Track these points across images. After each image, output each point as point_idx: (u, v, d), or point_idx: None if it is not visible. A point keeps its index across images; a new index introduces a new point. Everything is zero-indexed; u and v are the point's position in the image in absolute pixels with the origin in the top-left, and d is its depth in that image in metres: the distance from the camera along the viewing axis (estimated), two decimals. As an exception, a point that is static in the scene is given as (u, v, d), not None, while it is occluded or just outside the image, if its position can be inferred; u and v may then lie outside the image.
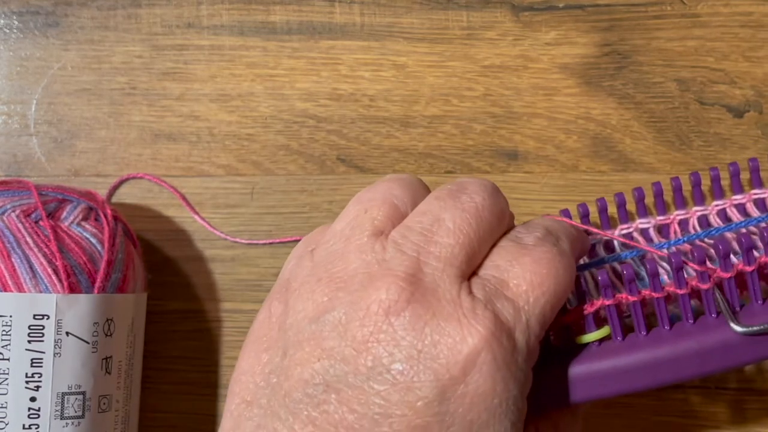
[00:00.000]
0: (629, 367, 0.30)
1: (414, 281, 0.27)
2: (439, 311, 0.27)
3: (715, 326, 0.30)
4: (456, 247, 0.28)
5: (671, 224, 0.37)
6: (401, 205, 0.30)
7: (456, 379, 0.26)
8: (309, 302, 0.28)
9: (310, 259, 0.30)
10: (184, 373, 0.42)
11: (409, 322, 0.27)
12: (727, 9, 0.43)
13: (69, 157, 0.43)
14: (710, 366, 0.30)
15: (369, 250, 0.28)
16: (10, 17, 0.44)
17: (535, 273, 0.29)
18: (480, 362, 0.26)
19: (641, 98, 0.43)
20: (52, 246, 0.36)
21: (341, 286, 0.28)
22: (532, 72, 0.43)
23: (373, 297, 0.27)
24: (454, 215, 0.29)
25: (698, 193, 0.37)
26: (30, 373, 0.35)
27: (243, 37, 0.43)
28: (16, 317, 0.35)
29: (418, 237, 0.28)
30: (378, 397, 0.26)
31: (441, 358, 0.26)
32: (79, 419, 0.36)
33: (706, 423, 0.42)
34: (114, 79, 0.43)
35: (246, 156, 0.43)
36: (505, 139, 0.43)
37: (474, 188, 0.30)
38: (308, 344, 0.28)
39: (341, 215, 0.31)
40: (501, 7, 0.43)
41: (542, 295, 0.28)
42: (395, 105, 0.43)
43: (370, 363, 0.27)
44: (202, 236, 0.43)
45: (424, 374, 0.26)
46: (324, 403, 0.27)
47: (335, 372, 0.27)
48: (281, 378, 0.28)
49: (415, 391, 0.26)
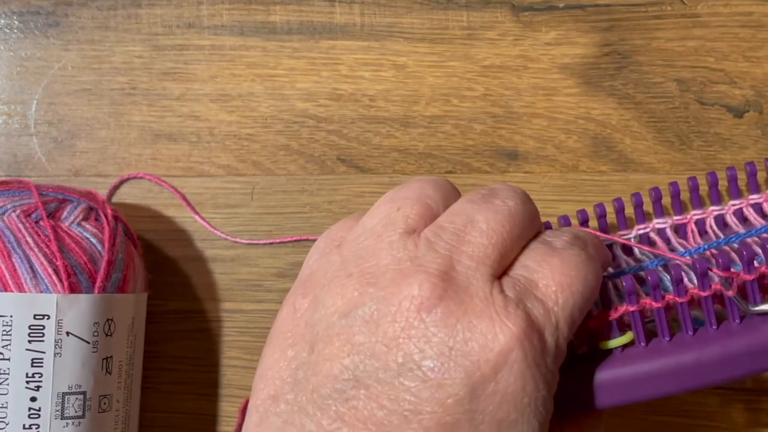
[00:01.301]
0: (653, 373, 0.30)
1: (446, 278, 0.27)
2: (472, 308, 0.27)
3: (739, 332, 0.30)
4: (489, 247, 0.28)
5: (688, 224, 0.37)
6: (434, 205, 0.30)
7: (487, 377, 0.26)
8: (339, 297, 0.28)
9: (339, 254, 0.30)
10: (185, 373, 0.42)
11: (441, 318, 0.27)
12: (727, 9, 0.43)
13: (69, 157, 0.43)
14: (735, 371, 0.30)
15: (401, 247, 0.28)
16: (10, 17, 0.44)
17: (564, 274, 0.29)
18: (511, 360, 0.26)
19: (641, 98, 0.43)
20: (53, 246, 0.36)
21: (372, 281, 0.28)
22: (532, 72, 0.43)
23: (405, 293, 0.27)
24: (487, 217, 0.29)
25: (715, 193, 0.37)
26: (30, 373, 0.35)
27: (243, 37, 0.43)
28: (16, 317, 0.35)
29: (451, 236, 0.28)
30: (408, 394, 0.26)
31: (472, 355, 0.26)
32: (79, 419, 0.36)
33: (707, 423, 0.42)
34: (114, 79, 0.43)
35: (246, 156, 0.43)
36: (505, 139, 0.43)
37: (506, 193, 0.30)
38: (338, 339, 0.27)
39: (371, 212, 0.30)
40: (501, 7, 0.43)
41: (571, 297, 0.28)
42: (395, 105, 0.43)
43: (401, 359, 0.26)
44: (202, 236, 0.43)
45: (455, 371, 0.26)
46: (353, 399, 0.27)
47: (365, 367, 0.27)
48: (309, 373, 0.28)
49: (445, 388, 0.26)
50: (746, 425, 0.41)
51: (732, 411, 0.41)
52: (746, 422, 0.41)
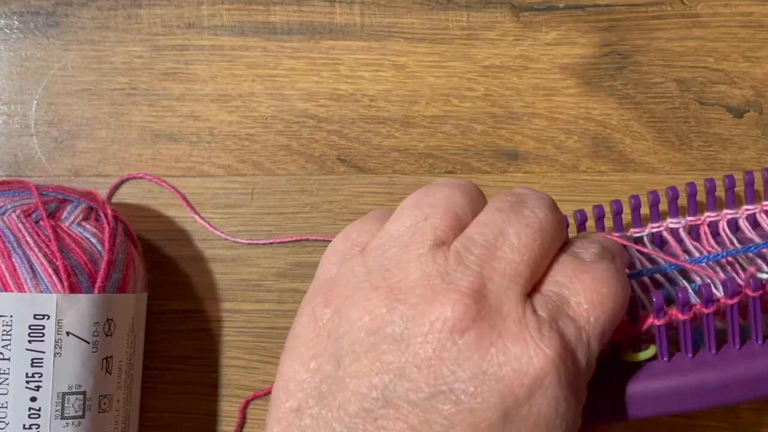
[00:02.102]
0: (676, 389, 0.30)
1: (479, 298, 0.27)
2: (505, 331, 0.26)
3: (762, 352, 0.30)
4: (521, 265, 0.28)
5: (701, 225, 0.37)
6: (462, 215, 0.29)
7: (521, 401, 0.26)
8: (365, 312, 0.27)
9: (362, 263, 0.29)
10: (185, 373, 0.42)
11: (474, 341, 0.26)
12: (727, 9, 0.43)
13: (69, 157, 0.43)
14: (757, 392, 0.30)
15: (430, 261, 0.28)
16: (10, 17, 0.44)
17: (595, 291, 0.28)
18: (546, 385, 0.26)
19: (641, 98, 0.43)
20: (53, 246, 0.36)
21: (401, 298, 0.27)
22: (532, 72, 0.43)
23: (437, 313, 0.26)
24: (518, 230, 0.28)
25: (730, 195, 0.37)
26: (30, 373, 0.35)
27: (243, 38, 0.43)
28: (16, 317, 0.35)
29: (482, 250, 0.28)
30: (440, 416, 0.26)
31: (507, 379, 0.26)
32: (79, 419, 0.36)
33: (707, 423, 0.42)
34: (114, 79, 0.43)
35: (246, 156, 0.43)
36: (505, 139, 0.43)
37: (535, 202, 0.29)
38: (366, 357, 0.27)
39: (396, 218, 0.29)
40: (501, 7, 0.43)
41: (602, 314, 0.28)
42: (395, 105, 0.43)
43: (433, 381, 0.26)
44: (202, 236, 0.43)
45: (489, 395, 0.26)
46: (381, 419, 0.26)
47: (395, 388, 0.26)
48: (334, 389, 0.27)
49: (479, 412, 0.26)
50: (746, 425, 0.41)
51: (732, 411, 0.41)
52: (746, 422, 0.41)
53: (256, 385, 0.42)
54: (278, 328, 0.42)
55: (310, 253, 0.43)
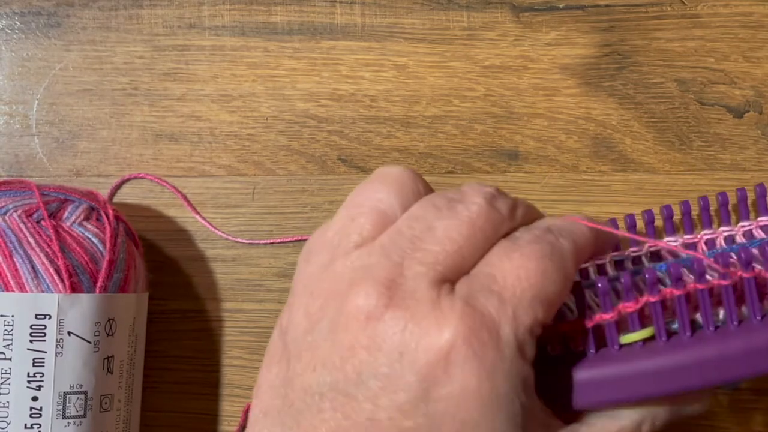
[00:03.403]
0: (678, 366, 0.30)
1: (393, 285, 0.27)
2: (419, 312, 0.27)
3: (760, 327, 0.30)
4: (441, 254, 0.28)
5: (698, 243, 0.37)
6: (389, 210, 0.30)
7: (439, 379, 0.26)
8: (303, 314, 0.29)
9: (306, 271, 0.30)
10: (186, 373, 0.42)
11: (389, 325, 0.27)
12: (727, 9, 0.43)
13: (71, 157, 0.43)
14: (759, 367, 0.30)
15: (355, 258, 0.29)
16: (12, 18, 0.44)
17: (521, 267, 0.28)
18: (461, 359, 0.26)
19: (641, 98, 0.43)
20: (54, 246, 0.36)
21: (330, 295, 0.28)
22: (532, 72, 0.43)
23: (353, 303, 0.27)
24: (446, 225, 0.29)
25: (725, 213, 0.37)
26: (32, 373, 0.35)
27: (244, 38, 0.44)
28: (18, 317, 0.35)
29: (407, 243, 0.28)
30: (367, 402, 0.27)
31: (422, 358, 0.26)
32: (80, 419, 0.36)
33: (707, 423, 0.42)
34: (115, 79, 0.43)
35: (247, 156, 0.43)
36: (505, 139, 0.43)
37: (473, 197, 0.30)
38: (306, 355, 0.28)
39: (332, 222, 0.31)
40: (501, 7, 0.43)
41: (529, 288, 0.28)
42: (396, 105, 0.43)
43: (358, 368, 0.27)
44: (203, 236, 0.43)
45: (408, 376, 0.26)
46: (321, 411, 0.27)
47: (328, 380, 0.27)
48: (288, 389, 0.28)
49: (400, 393, 0.26)
50: (746, 425, 0.41)
51: (732, 411, 0.41)
52: (746, 422, 0.41)
53: (256, 385, 0.42)
54: (279, 327, 0.42)
55: (311, 253, 0.43)
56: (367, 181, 0.31)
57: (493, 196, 0.30)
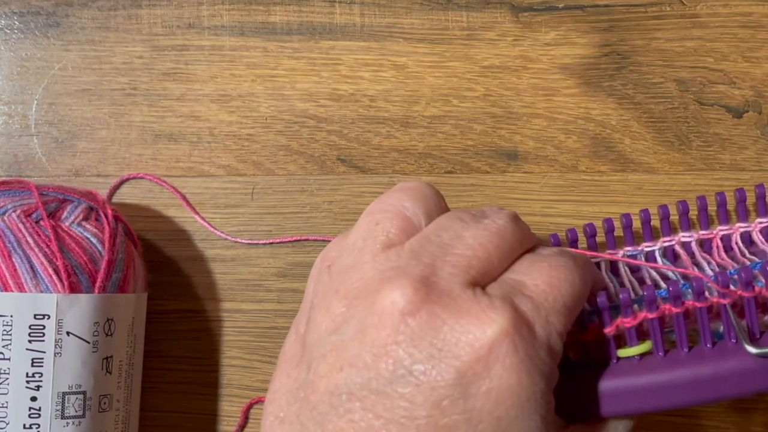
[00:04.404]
0: (673, 383, 0.30)
1: (428, 283, 0.27)
2: (456, 309, 0.27)
3: (734, 351, 0.30)
4: (473, 259, 0.28)
5: (714, 239, 0.37)
6: (414, 218, 0.30)
7: (479, 375, 0.26)
8: (326, 314, 0.28)
9: (328, 274, 0.30)
10: (185, 373, 0.42)
11: (426, 321, 0.27)
12: (726, 9, 0.43)
13: (70, 157, 0.43)
14: (752, 386, 0.30)
15: (384, 259, 0.28)
16: (11, 18, 0.44)
17: (552, 276, 0.29)
18: (502, 355, 0.26)
19: (641, 98, 0.43)
20: (53, 246, 0.36)
21: (357, 294, 0.28)
22: (531, 72, 0.43)
23: (387, 299, 0.27)
24: (475, 234, 0.29)
25: (742, 209, 0.37)
26: (31, 373, 0.35)
27: (243, 38, 0.43)
28: (16, 317, 0.35)
29: (436, 248, 0.28)
30: (402, 400, 0.26)
31: (462, 355, 0.26)
32: (79, 419, 0.36)
33: (707, 423, 0.42)
34: (115, 79, 0.43)
35: (246, 156, 0.43)
36: (504, 139, 0.43)
37: (497, 214, 0.30)
38: (330, 356, 0.28)
39: (354, 228, 0.31)
40: (501, 7, 0.43)
41: (560, 297, 0.28)
42: (395, 105, 0.43)
43: (391, 366, 0.26)
44: (202, 236, 0.43)
45: (446, 372, 0.26)
46: (349, 412, 0.27)
47: (358, 379, 0.27)
48: (308, 392, 0.28)
49: (439, 390, 0.26)
50: (746, 425, 0.41)
51: (732, 411, 0.41)
52: (746, 422, 0.41)
53: (256, 385, 0.42)
54: (278, 327, 0.42)
55: (310, 253, 0.43)
56: (390, 192, 0.31)
57: (516, 216, 0.31)
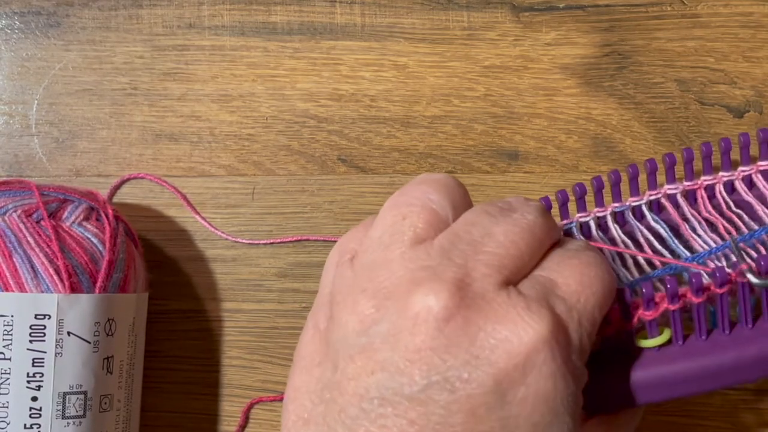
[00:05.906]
0: (692, 372, 0.31)
1: (462, 287, 0.27)
2: (492, 314, 0.26)
3: (752, 336, 0.30)
4: (506, 258, 0.28)
5: (698, 189, 0.37)
6: (441, 211, 0.29)
7: (517, 382, 0.26)
8: (354, 314, 0.28)
9: (350, 269, 0.29)
10: (186, 373, 0.42)
11: (462, 327, 0.26)
12: (727, 9, 0.43)
13: (70, 157, 0.43)
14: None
15: (414, 257, 0.28)
16: (11, 18, 0.44)
17: (583, 274, 0.28)
18: (540, 362, 0.26)
19: (641, 98, 0.43)
20: (54, 246, 0.36)
21: (387, 295, 0.27)
22: (532, 72, 0.43)
23: (421, 304, 0.26)
24: (506, 229, 0.28)
25: (726, 159, 0.37)
26: (31, 373, 0.35)
27: (244, 38, 0.43)
28: (17, 317, 0.35)
29: (467, 246, 0.28)
30: (437, 407, 0.26)
31: (500, 362, 0.26)
32: (80, 419, 0.36)
33: (707, 423, 0.42)
34: (115, 79, 0.43)
35: (247, 156, 0.43)
36: (505, 139, 0.43)
37: (525, 208, 0.30)
38: (359, 358, 0.27)
39: (377, 222, 0.29)
40: (501, 7, 0.43)
41: (592, 295, 0.28)
42: (396, 105, 0.43)
43: (426, 372, 0.26)
44: (203, 236, 0.43)
45: (483, 380, 0.26)
46: (381, 418, 0.26)
47: (390, 384, 0.26)
48: (335, 393, 0.27)
49: (476, 397, 0.26)
50: (747, 425, 0.41)
51: (732, 411, 0.41)
52: (746, 422, 0.41)
53: (257, 385, 0.42)
54: (279, 328, 0.42)
55: (311, 253, 0.43)
56: (413, 182, 0.30)
57: (544, 209, 0.30)
